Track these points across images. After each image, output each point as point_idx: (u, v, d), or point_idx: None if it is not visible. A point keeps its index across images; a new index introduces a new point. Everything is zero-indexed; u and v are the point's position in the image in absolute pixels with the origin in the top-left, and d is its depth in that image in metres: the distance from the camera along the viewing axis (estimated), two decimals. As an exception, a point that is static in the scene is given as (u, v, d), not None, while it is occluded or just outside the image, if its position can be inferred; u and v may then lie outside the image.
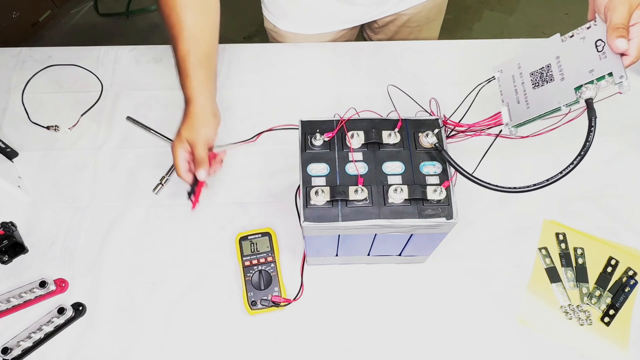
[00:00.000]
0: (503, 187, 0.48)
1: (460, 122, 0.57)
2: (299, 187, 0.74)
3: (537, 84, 0.51)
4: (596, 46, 0.47)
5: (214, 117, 0.71)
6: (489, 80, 0.57)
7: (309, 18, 0.90)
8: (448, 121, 0.58)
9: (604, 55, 0.47)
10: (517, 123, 0.52)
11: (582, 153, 0.46)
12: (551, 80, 0.50)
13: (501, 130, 0.55)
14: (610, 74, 0.46)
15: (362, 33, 1.05)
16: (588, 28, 0.49)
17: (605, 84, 0.46)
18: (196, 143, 0.68)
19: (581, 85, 0.47)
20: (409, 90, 0.76)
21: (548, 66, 0.51)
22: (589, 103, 0.47)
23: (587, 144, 0.46)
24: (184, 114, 0.70)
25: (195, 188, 0.72)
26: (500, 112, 0.54)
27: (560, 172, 0.46)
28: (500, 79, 0.56)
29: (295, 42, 0.93)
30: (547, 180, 0.47)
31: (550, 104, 0.49)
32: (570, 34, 0.50)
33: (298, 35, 0.92)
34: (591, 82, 0.47)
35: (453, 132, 0.59)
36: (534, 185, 0.47)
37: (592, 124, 0.46)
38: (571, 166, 0.46)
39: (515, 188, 0.48)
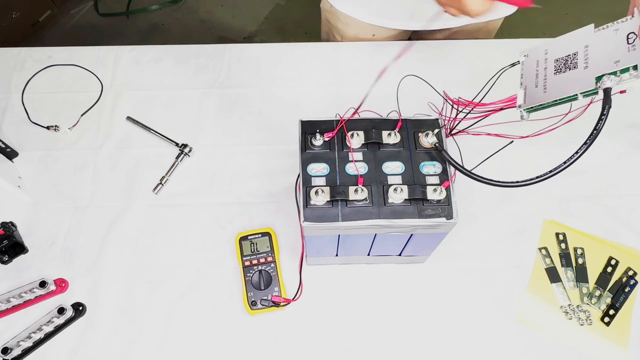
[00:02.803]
0: (504, 182, 0.48)
1: (480, 102, 0.56)
2: (298, 178, 0.74)
3: (559, 70, 0.51)
4: (627, 38, 0.47)
5: None
6: (512, 65, 0.56)
7: (372, 7, 0.87)
8: (461, 100, 0.57)
9: (633, 48, 0.46)
10: (530, 106, 0.52)
11: (588, 142, 0.45)
12: (574, 67, 0.49)
13: (512, 141, 0.55)
14: (635, 67, 0.45)
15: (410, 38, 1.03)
16: (624, 21, 0.48)
17: (628, 77, 0.46)
18: None
19: (603, 75, 0.47)
20: (410, 89, 0.76)
21: (575, 54, 0.50)
22: (607, 92, 0.46)
23: (595, 132, 0.45)
24: None
25: None
26: (515, 95, 0.54)
27: (564, 163, 0.46)
28: (524, 63, 0.55)
29: (347, 25, 0.91)
30: (551, 171, 0.46)
31: (568, 90, 0.48)
32: (605, 25, 0.50)
33: (351, 20, 0.90)
34: (614, 73, 0.46)
35: (464, 117, 0.58)
36: (537, 177, 0.47)
37: (605, 112, 0.45)
38: (576, 155, 0.45)
39: (517, 182, 0.48)
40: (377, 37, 0.92)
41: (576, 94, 0.48)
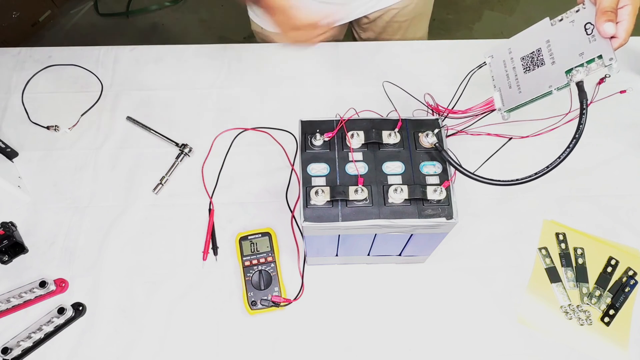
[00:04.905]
0: (503, 181, 0.49)
1: (452, 108, 0.57)
2: (289, 182, 0.75)
3: (528, 68, 0.51)
4: (585, 29, 0.48)
5: None
6: (480, 66, 0.57)
7: None
8: (440, 108, 0.58)
9: (594, 38, 0.47)
10: (509, 108, 0.53)
11: (577, 136, 0.46)
12: (542, 64, 0.50)
13: (511, 138, 0.55)
14: (600, 57, 0.46)
15: (351, 30, 1.05)
16: (577, 11, 0.49)
17: (596, 67, 0.47)
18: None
19: (572, 69, 0.48)
20: (409, 89, 0.76)
21: (539, 50, 0.51)
22: (580, 86, 0.47)
23: (580, 126, 0.46)
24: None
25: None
26: (492, 98, 0.55)
27: (558, 157, 0.46)
28: (491, 64, 0.56)
29: (282, 43, 0.93)
30: (547, 167, 0.47)
31: (542, 88, 0.49)
32: (559, 17, 0.51)
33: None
34: (581, 65, 0.47)
35: (450, 128, 0.58)
36: (535, 174, 0.47)
37: (584, 107, 0.46)
38: (568, 150, 0.46)
39: (517, 180, 0.48)
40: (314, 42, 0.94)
41: (551, 90, 0.49)
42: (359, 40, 1.06)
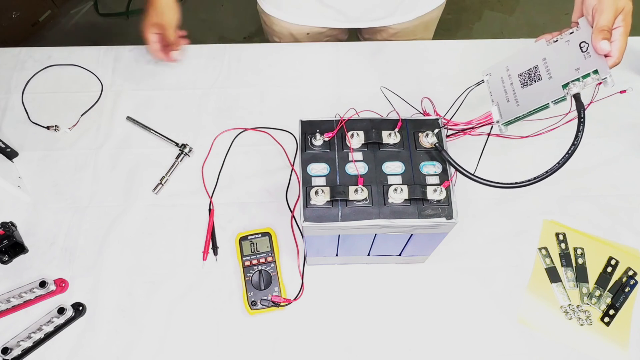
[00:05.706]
0: (504, 184, 0.49)
1: (451, 120, 0.58)
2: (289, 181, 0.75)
3: (525, 84, 0.54)
4: (580, 47, 0.51)
5: (176, 4, 0.80)
6: (478, 84, 0.59)
7: (294, 9, 0.90)
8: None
9: (589, 55, 0.50)
10: (507, 120, 0.54)
11: (576, 142, 0.47)
12: (539, 79, 0.53)
13: (492, 128, 0.57)
14: (596, 72, 0.49)
15: (357, 36, 1.05)
16: (571, 33, 0.53)
17: (591, 81, 0.50)
18: (167, 26, 0.79)
19: (568, 83, 0.50)
20: (409, 90, 0.76)
21: (535, 67, 0.54)
22: (577, 97, 0.49)
23: (579, 134, 0.48)
24: (148, 3, 0.79)
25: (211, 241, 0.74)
26: (489, 112, 0.56)
27: (557, 163, 0.47)
28: (489, 81, 0.58)
29: (282, 29, 0.93)
30: (546, 172, 0.48)
31: (540, 100, 0.52)
32: (554, 38, 0.54)
33: (285, 23, 0.92)
34: (577, 79, 0.50)
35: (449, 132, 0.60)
36: (534, 178, 0.48)
37: (582, 116, 0.48)
38: (567, 156, 0.47)
39: (516, 183, 0.49)
40: (311, 36, 0.95)
41: (547, 103, 0.51)
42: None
